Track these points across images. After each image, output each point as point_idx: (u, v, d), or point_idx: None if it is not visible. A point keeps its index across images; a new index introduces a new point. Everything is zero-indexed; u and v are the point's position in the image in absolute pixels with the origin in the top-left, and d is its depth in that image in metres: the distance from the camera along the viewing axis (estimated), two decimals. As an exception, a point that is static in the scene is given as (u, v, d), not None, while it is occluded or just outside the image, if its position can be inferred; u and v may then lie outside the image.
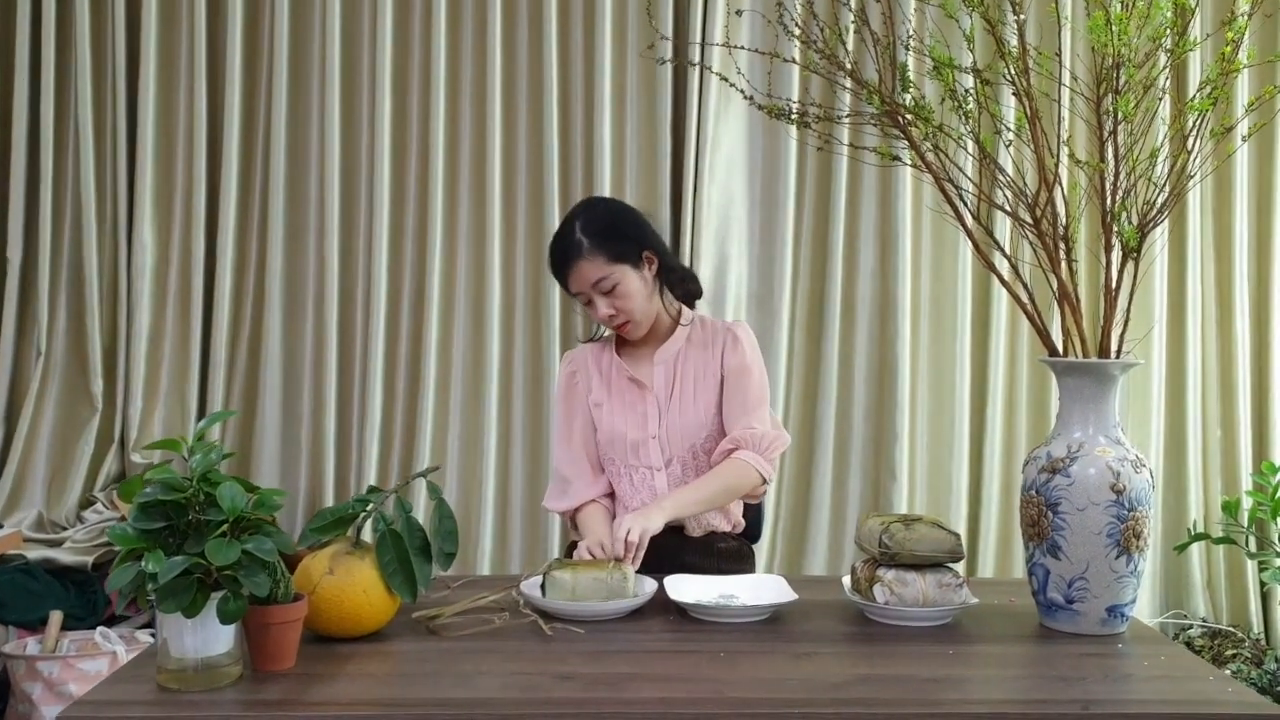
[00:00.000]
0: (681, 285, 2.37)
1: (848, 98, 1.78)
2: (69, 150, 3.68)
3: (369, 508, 1.74)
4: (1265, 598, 3.74)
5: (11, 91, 3.64)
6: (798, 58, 1.85)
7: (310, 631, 1.67)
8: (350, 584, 1.67)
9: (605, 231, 2.23)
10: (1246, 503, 3.36)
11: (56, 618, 3.13)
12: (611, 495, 2.37)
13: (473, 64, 3.69)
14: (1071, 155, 1.77)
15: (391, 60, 3.65)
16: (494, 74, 3.63)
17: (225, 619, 1.46)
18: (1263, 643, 3.66)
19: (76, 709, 1.43)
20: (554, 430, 2.45)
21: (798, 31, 1.78)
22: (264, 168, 3.70)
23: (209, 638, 1.48)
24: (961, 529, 3.69)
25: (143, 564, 1.44)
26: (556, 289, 3.60)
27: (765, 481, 2.27)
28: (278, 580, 1.54)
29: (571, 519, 2.36)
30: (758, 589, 1.94)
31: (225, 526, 1.47)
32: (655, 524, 2.06)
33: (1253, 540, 3.37)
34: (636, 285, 2.24)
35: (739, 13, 2.12)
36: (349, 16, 3.68)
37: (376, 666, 1.59)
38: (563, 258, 2.23)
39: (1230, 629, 3.68)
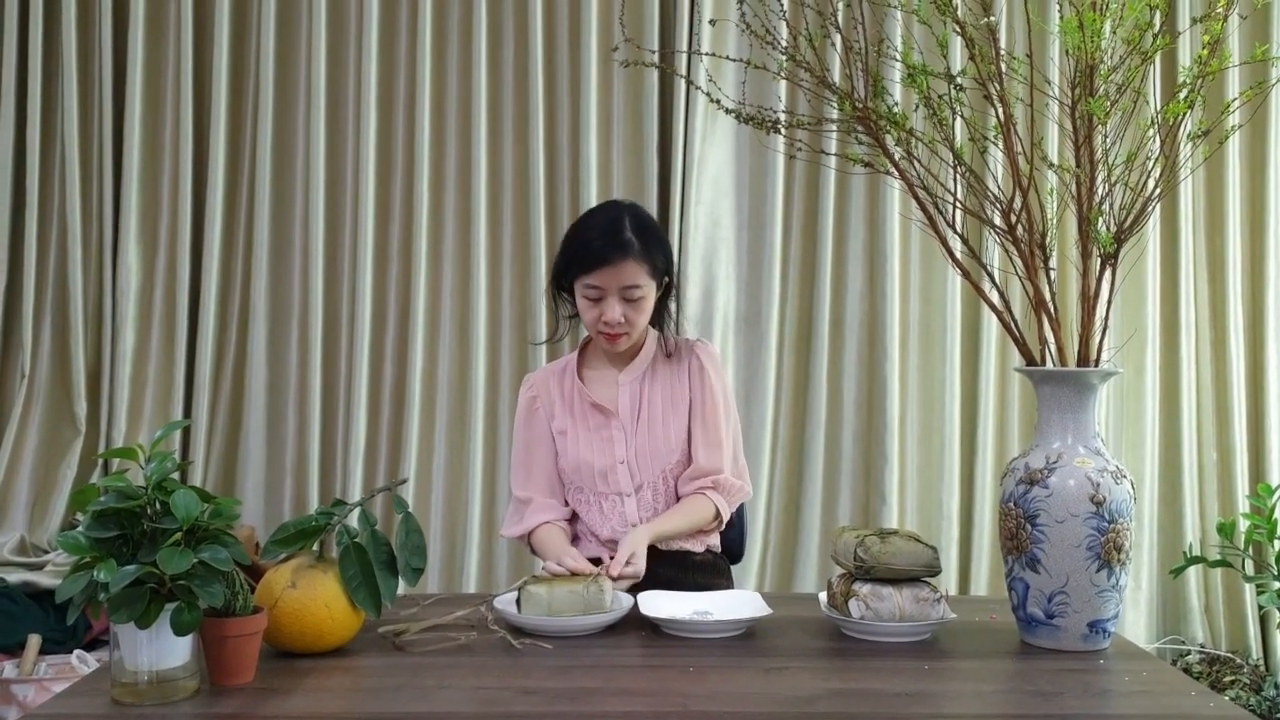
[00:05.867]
0: (665, 311, 2.32)
1: (835, 111, 1.76)
2: (54, 172, 3.68)
3: (333, 520, 1.70)
4: (1264, 622, 3.68)
5: (-2, 111, 3.65)
6: (771, 66, 1.83)
7: (272, 646, 1.64)
8: (312, 598, 1.64)
9: (654, 243, 2.17)
10: (1243, 525, 3.31)
11: (34, 641, 3.09)
12: (570, 519, 2.32)
13: (458, 83, 3.69)
14: (1044, 158, 1.75)
15: (377, 81, 3.65)
16: (479, 93, 3.63)
17: (179, 630, 1.43)
18: (1262, 668, 3.61)
19: (25, 723, 1.40)
20: (512, 457, 2.37)
21: (765, 35, 1.76)
22: (249, 188, 3.70)
23: (164, 650, 1.45)
24: (954, 552, 3.65)
25: (94, 573, 1.41)
26: (543, 307, 3.58)
27: (720, 523, 2.31)
28: (236, 592, 1.51)
29: (528, 542, 2.30)
30: (732, 605, 1.90)
31: (179, 535, 1.44)
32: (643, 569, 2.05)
33: (1249, 564, 3.32)
34: (651, 304, 2.21)
35: (712, 22, 2.10)
36: (334, 36, 3.69)
37: (337, 681, 1.56)
38: (611, 249, 2.11)
39: (1229, 655, 3.62)
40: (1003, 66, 1.71)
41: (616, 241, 2.12)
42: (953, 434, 3.67)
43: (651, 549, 2.18)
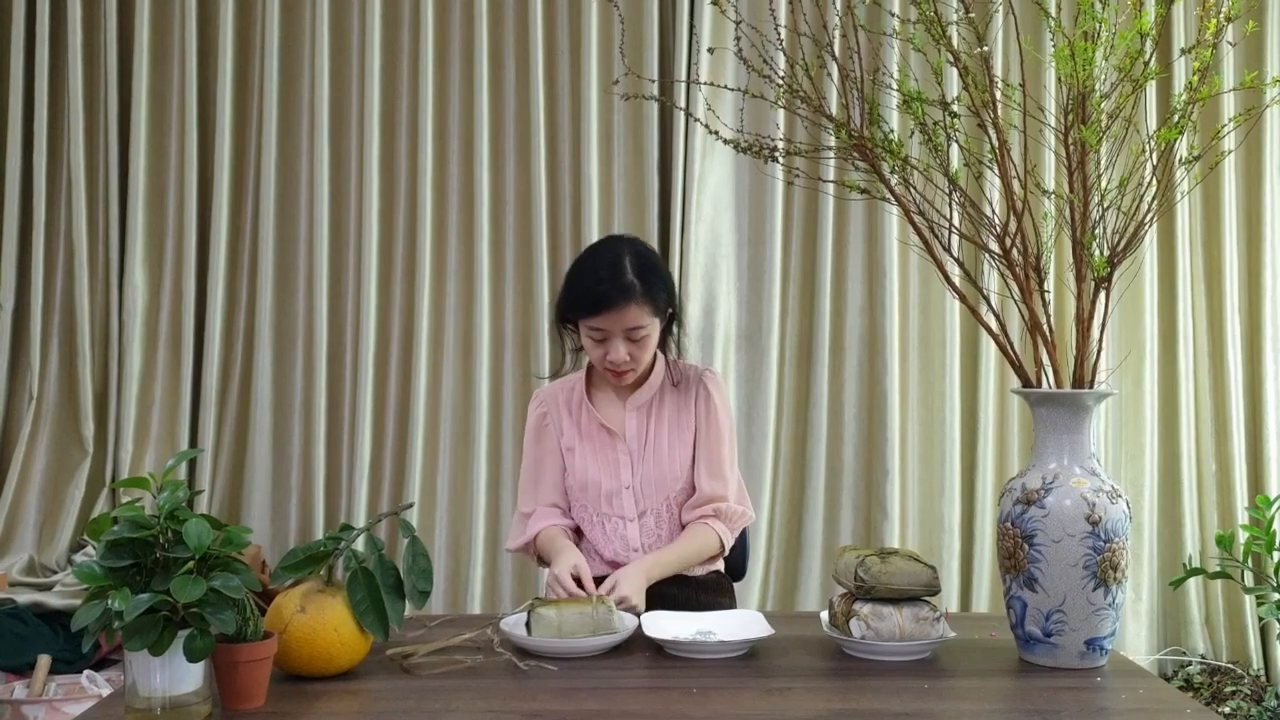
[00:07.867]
0: (669, 338, 2.34)
1: (833, 137, 1.79)
2: (61, 196, 3.72)
3: (340, 545, 1.73)
4: (1264, 633, 3.70)
5: (5, 137, 3.69)
6: (769, 94, 1.86)
7: (282, 670, 1.66)
8: (321, 622, 1.66)
9: (656, 281, 2.16)
10: (1242, 536, 3.33)
11: (44, 661, 3.11)
12: (576, 531, 2.34)
13: (460, 105, 3.73)
14: (1038, 185, 1.77)
15: (380, 103, 3.70)
16: (481, 114, 3.67)
17: (192, 657, 1.45)
18: (1263, 679, 3.62)
19: (41, 749, 1.42)
20: (521, 473, 2.38)
21: (762, 68, 1.79)
22: (254, 210, 3.74)
23: (177, 676, 1.47)
24: (955, 566, 3.67)
25: (109, 602, 1.43)
26: (545, 326, 3.61)
27: (723, 551, 2.32)
28: (246, 618, 1.54)
29: (533, 550, 2.31)
30: (735, 625, 1.92)
31: (192, 564, 1.47)
32: (643, 601, 2.06)
33: (1249, 575, 3.34)
34: (656, 340, 2.22)
35: (710, 50, 2.13)
36: (337, 61, 3.73)
37: (346, 705, 1.58)
38: (614, 293, 2.11)
39: (1230, 666, 3.64)
40: (997, 94, 1.74)
41: (619, 285, 2.11)
42: (953, 447, 3.69)
43: None
